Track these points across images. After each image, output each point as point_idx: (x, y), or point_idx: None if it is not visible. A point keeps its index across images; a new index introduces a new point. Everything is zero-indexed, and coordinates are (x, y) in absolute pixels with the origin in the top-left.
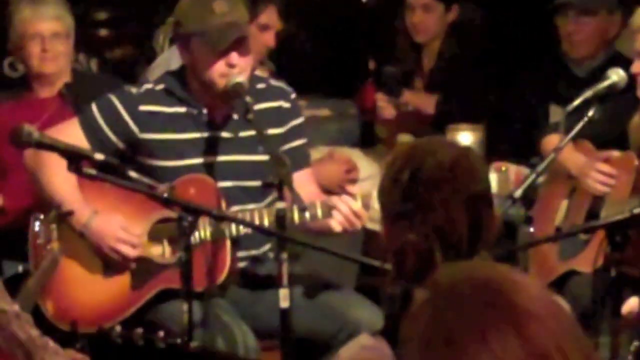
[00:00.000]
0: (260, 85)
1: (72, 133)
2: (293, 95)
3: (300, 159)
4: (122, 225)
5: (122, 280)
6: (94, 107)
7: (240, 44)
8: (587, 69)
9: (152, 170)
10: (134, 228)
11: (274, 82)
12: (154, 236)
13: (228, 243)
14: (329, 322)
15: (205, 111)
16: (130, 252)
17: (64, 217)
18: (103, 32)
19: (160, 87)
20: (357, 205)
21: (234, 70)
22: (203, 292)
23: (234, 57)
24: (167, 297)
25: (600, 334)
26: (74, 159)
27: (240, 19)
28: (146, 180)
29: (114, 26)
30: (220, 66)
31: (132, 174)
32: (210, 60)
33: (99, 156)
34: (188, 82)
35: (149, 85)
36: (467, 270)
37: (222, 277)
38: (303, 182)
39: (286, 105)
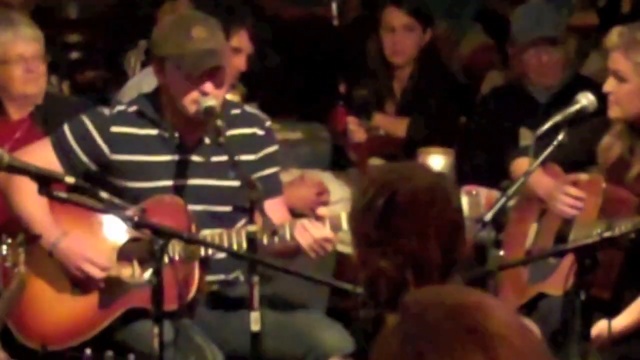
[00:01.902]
0: (235, 111)
1: (43, 153)
2: (268, 123)
3: (272, 187)
4: (91, 246)
5: (91, 299)
6: (66, 128)
7: (215, 74)
8: (548, 94)
9: (122, 191)
10: (103, 247)
11: (249, 109)
12: (124, 255)
13: (197, 262)
14: (299, 345)
15: (177, 134)
16: (97, 274)
17: (31, 241)
18: (74, 54)
19: (133, 108)
20: (325, 231)
21: (205, 97)
22: (172, 312)
23: (207, 86)
24: (136, 316)
25: (569, 357)
26: (45, 182)
27: (218, 46)
28: (117, 201)
29: (86, 49)
30: (192, 94)
31: (104, 195)
32: (184, 86)
33: (70, 179)
34: (161, 104)
35: (121, 107)
36: (437, 294)
37: (190, 294)
38: (274, 210)
39: (260, 132)
